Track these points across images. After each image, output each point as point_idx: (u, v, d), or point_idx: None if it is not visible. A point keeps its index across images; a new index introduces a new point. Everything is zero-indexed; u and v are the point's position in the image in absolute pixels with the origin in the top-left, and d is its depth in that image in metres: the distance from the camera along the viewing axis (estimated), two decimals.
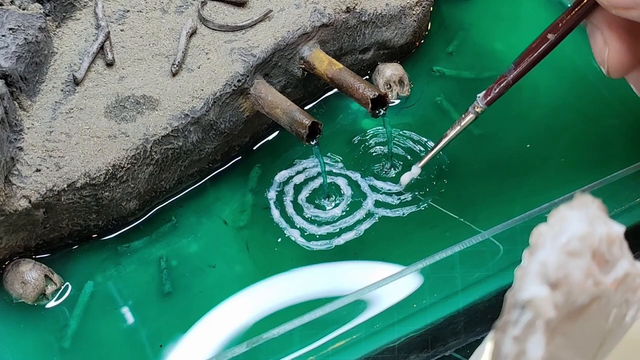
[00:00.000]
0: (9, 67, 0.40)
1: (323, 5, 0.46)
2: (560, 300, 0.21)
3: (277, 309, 0.40)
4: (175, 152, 0.43)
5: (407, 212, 0.44)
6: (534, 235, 0.21)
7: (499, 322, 0.21)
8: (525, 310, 0.20)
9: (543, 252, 0.21)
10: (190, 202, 0.45)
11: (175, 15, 0.47)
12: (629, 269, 0.22)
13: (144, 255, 0.43)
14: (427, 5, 0.50)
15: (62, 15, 0.46)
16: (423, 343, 0.37)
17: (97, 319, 0.40)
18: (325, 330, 0.36)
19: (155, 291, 0.41)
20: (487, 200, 0.44)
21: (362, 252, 0.42)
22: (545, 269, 0.20)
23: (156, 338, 0.39)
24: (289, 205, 0.45)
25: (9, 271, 0.40)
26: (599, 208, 0.22)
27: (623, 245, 0.23)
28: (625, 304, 0.23)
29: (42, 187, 0.39)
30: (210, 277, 0.42)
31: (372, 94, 0.42)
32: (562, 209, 0.22)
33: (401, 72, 0.49)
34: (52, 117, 0.42)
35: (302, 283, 0.41)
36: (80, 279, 0.42)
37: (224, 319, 0.40)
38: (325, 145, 0.47)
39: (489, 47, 0.52)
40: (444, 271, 0.38)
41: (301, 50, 0.45)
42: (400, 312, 0.37)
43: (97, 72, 0.44)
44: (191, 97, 0.43)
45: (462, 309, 0.37)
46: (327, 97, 0.50)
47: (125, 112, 0.42)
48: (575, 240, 0.21)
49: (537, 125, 0.48)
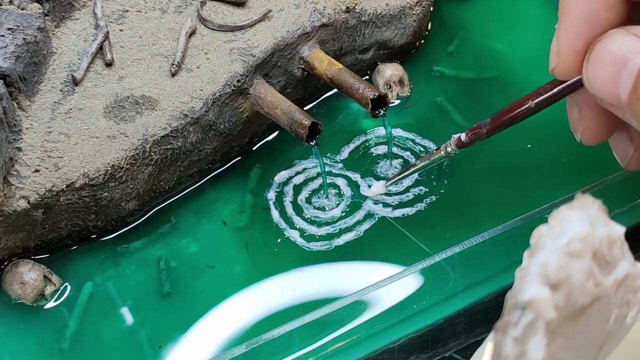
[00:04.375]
0: (8, 67, 0.40)
1: (323, 5, 0.46)
2: (561, 301, 0.20)
3: (277, 310, 0.40)
4: (175, 152, 0.43)
5: (407, 213, 0.44)
6: (534, 236, 0.21)
7: (500, 323, 0.21)
8: (525, 312, 0.20)
9: (543, 253, 0.21)
10: (189, 202, 0.45)
11: (175, 15, 0.47)
12: (629, 270, 0.22)
13: (143, 255, 0.43)
14: (427, 5, 0.50)
15: (61, 15, 0.46)
16: (423, 344, 0.37)
17: (96, 320, 0.40)
18: (325, 331, 0.36)
19: (154, 292, 0.41)
20: (487, 201, 0.44)
21: (362, 252, 0.42)
22: (545, 270, 0.20)
23: (155, 339, 0.39)
24: (289, 206, 0.44)
25: (7, 272, 0.40)
26: (600, 209, 0.22)
27: (624, 246, 0.23)
28: (625, 305, 0.23)
29: (41, 188, 0.39)
30: (209, 277, 0.42)
31: (372, 94, 0.42)
32: (562, 209, 0.21)
33: (401, 73, 0.49)
34: (51, 118, 0.42)
35: (301, 284, 0.41)
36: (79, 280, 0.42)
37: (224, 320, 0.40)
38: (325, 145, 0.47)
39: (489, 47, 0.52)
40: (444, 272, 0.38)
41: (301, 50, 0.45)
42: (401, 313, 0.37)
43: (96, 72, 0.44)
44: (190, 97, 0.43)
45: (462, 310, 0.37)
46: (326, 97, 0.50)
47: (125, 113, 0.42)
48: (576, 241, 0.21)
49: (538, 125, 0.47)
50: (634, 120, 0.27)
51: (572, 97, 0.32)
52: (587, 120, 0.32)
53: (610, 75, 0.27)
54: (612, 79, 0.27)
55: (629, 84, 0.26)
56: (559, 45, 0.29)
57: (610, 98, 0.27)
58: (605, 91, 0.27)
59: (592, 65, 0.28)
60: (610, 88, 0.27)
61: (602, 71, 0.27)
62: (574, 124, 0.33)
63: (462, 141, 0.35)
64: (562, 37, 0.29)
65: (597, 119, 0.32)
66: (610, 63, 0.27)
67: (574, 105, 0.32)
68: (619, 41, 0.27)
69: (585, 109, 0.32)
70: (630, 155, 0.33)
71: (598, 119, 0.32)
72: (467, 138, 0.35)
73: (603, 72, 0.27)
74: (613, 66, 0.27)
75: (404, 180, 0.45)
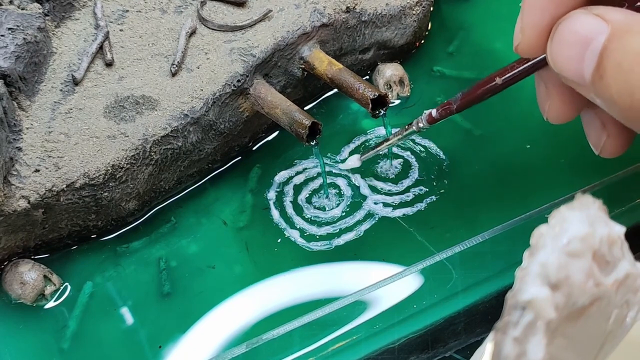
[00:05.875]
0: (8, 67, 0.40)
1: (323, 5, 0.46)
2: (561, 301, 0.20)
3: (277, 310, 0.40)
4: (175, 152, 0.43)
5: (407, 213, 0.44)
6: (534, 236, 0.21)
7: (500, 323, 0.21)
8: (525, 312, 0.20)
9: (544, 253, 0.21)
10: (189, 202, 0.45)
11: (175, 15, 0.47)
12: (629, 270, 0.22)
13: (143, 255, 0.43)
14: (427, 5, 0.50)
15: (61, 15, 0.46)
16: (423, 344, 0.37)
17: (96, 320, 0.40)
18: (325, 331, 0.36)
19: (154, 292, 0.41)
20: (487, 201, 0.44)
21: (362, 252, 0.42)
22: (545, 270, 0.20)
23: (155, 339, 0.39)
24: (289, 206, 0.44)
25: (7, 271, 0.40)
26: (600, 208, 0.22)
27: (624, 246, 0.23)
28: (625, 305, 0.23)
29: (41, 188, 0.39)
30: (209, 277, 0.42)
31: (372, 94, 0.42)
32: (562, 209, 0.21)
33: (401, 72, 0.49)
34: (51, 117, 0.42)
35: (302, 284, 0.41)
36: (79, 280, 0.42)
37: (224, 320, 0.40)
38: (325, 145, 0.47)
39: (489, 47, 0.52)
40: (444, 272, 0.38)
41: (301, 50, 0.45)
42: (401, 313, 0.37)
43: (96, 72, 0.44)
44: (190, 97, 0.43)
45: (462, 310, 0.37)
46: (327, 97, 0.50)
47: (125, 112, 0.42)
48: (576, 241, 0.21)
49: (537, 125, 0.47)
50: (597, 99, 0.28)
51: (539, 75, 0.33)
52: (553, 98, 0.32)
53: (574, 55, 0.27)
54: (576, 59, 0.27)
55: (592, 64, 0.27)
56: (523, 22, 0.29)
57: (575, 77, 0.28)
58: (569, 70, 0.28)
59: (556, 45, 0.28)
60: (574, 67, 0.28)
61: (566, 51, 0.28)
62: (541, 102, 0.33)
63: (432, 117, 0.36)
64: (526, 15, 0.29)
65: (563, 97, 0.32)
66: (573, 43, 0.27)
67: (540, 82, 0.33)
68: (582, 21, 0.27)
69: (551, 87, 0.32)
70: (603, 142, 0.33)
71: (564, 97, 0.32)
72: (438, 114, 0.36)
73: (567, 52, 0.28)
74: (576, 46, 0.27)
75: (404, 179, 0.45)
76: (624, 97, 0.26)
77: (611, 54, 0.26)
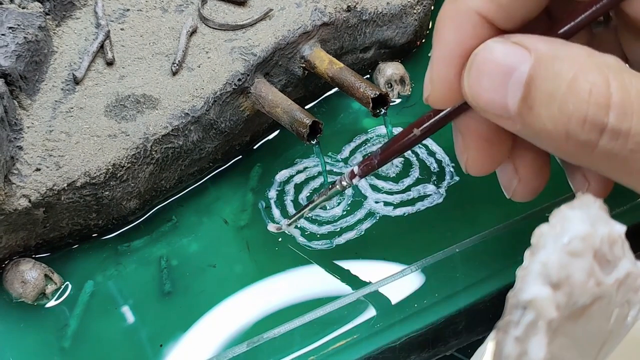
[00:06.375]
0: (9, 66, 0.40)
1: (324, 4, 0.46)
2: (562, 300, 0.20)
3: (278, 309, 0.40)
4: (176, 151, 0.43)
5: (408, 212, 0.44)
6: (535, 235, 0.21)
7: (501, 322, 0.21)
8: (526, 311, 0.20)
9: (544, 252, 0.21)
10: (190, 201, 0.45)
11: (176, 14, 0.47)
12: (630, 269, 0.22)
13: (144, 254, 0.43)
14: (428, 4, 0.50)
15: (62, 14, 0.46)
16: (424, 343, 0.37)
17: (97, 319, 0.40)
18: (326, 330, 0.36)
19: (155, 291, 0.41)
20: (487, 201, 0.44)
21: (363, 251, 0.42)
22: (546, 269, 0.20)
23: (156, 338, 0.39)
24: (290, 205, 0.44)
25: (8, 270, 0.40)
26: (601, 208, 0.22)
27: (625, 245, 0.23)
28: (626, 304, 0.23)
29: (42, 187, 0.39)
30: (210, 276, 0.42)
31: (373, 93, 0.42)
32: (563, 208, 0.21)
33: (402, 71, 0.49)
34: (52, 116, 0.42)
35: (302, 283, 0.41)
36: (80, 279, 0.42)
37: (225, 319, 0.40)
38: (326, 144, 0.47)
39: None
40: (445, 270, 0.38)
41: (302, 49, 0.45)
42: (402, 312, 0.37)
43: (97, 71, 0.44)
44: (191, 96, 0.43)
45: (463, 309, 0.37)
46: (327, 96, 0.50)
47: (126, 111, 0.42)
48: (577, 240, 0.21)
49: None
50: (524, 130, 0.26)
51: (456, 126, 0.31)
52: (470, 149, 0.30)
53: (495, 86, 0.26)
54: (498, 90, 0.26)
55: (518, 94, 0.25)
56: (431, 74, 0.28)
57: (497, 109, 0.26)
58: (490, 102, 0.26)
59: (474, 78, 0.27)
60: (496, 99, 0.26)
61: (486, 82, 0.26)
62: (459, 153, 0.31)
63: (355, 174, 0.35)
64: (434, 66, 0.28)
65: (481, 149, 0.30)
66: (493, 73, 0.26)
67: (458, 134, 0.31)
68: (500, 50, 0.26)
69: (468, 138, 0.30)
70: (514, 186, 0.32)
71: (482, 149, 0.30)
72: (360, 171, 0.35)
73: (487, 83, 0.26)
74: (497, 76, 0.26)
75: (405, 178, 0.45)
76: (559, 127, 0.25)
77: (541, 83, 0.25)
